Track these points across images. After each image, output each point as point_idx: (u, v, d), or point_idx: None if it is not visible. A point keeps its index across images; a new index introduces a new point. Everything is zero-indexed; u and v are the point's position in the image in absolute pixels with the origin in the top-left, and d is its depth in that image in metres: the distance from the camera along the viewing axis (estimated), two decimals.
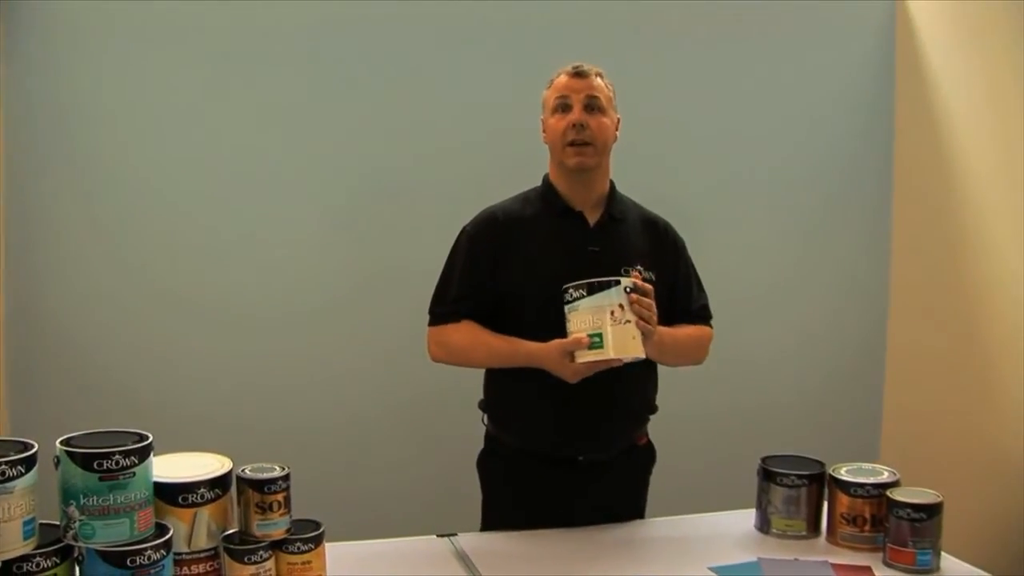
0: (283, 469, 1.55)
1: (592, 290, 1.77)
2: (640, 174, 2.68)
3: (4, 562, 1.31)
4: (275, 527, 1.52)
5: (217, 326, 2.69)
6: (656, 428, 2.17)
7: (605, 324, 1.76)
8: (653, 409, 2.11)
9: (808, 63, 3.13)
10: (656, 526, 2.00)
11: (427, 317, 2.05)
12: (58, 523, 1.39)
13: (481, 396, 2.11)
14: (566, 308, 1.80)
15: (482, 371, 2.10)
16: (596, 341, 1.76)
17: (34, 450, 1.35)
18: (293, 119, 2.72)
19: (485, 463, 2.11)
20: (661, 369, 2.11)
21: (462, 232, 2.05)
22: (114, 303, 2.63)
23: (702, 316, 2.13)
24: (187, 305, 2.67)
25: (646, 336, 1.80)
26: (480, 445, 2.13)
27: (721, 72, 3.04)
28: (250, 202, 2.71)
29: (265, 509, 1.51)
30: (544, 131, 2.05)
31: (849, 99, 3.17)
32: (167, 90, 2.62)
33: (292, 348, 2.75)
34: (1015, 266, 2.75)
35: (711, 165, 3.05)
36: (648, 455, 2.14)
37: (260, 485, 1.52)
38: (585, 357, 1.79)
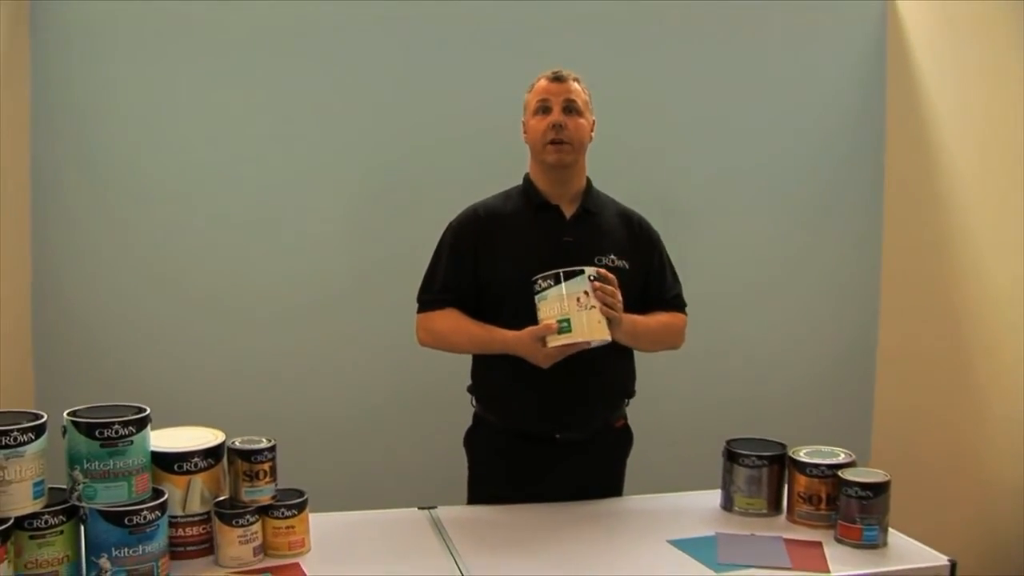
0: (269, 441, 1.70)
1: (559, 280, 1.90)
2: (634, 170, 2.80)
3: (16, 518, 1.47)
4: (261, 494, 1.67)
5: (224, 317, 2.82)
6: (645, 418, 2.27)
7: (572, 310, 1.88)
8: (630, 394, 2.24)
9: (800, 62, 3.17)
10: (624, 503, 2.12)
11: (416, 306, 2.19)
12: (65, 486, 1.55)
13: (470, 383, 2.24)
14: (536, 298, 1.93)
15: (470, 362, 2.23)
16: (564, 326, 1.89)
17: (43, 420, 1.51)
18: (302, 120, 2.84)
19: (471, 438, 2.25)
20: (655, 362, 2.23)
21: (448, 227, 2.19)
22: (128, 295, 2.76)
23: (676, 304, 2.24)
24: (196, 297, 2.80)
25: (611, 321, 1.93)
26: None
27: (714, 70, 3.10)
28: (259, 200, 2.83)
29: (252, 477, 1.66)
30: (525, 132, 2.18)
31: (841, 98, 3.21)
32: (180, 92, 2.75)
33: (296, 339, 2.86)
34: (1005, 264, 2.77)
35: (704, 161, 3.11)
36: (625, 438, 2.26)
37: (248, 455, 1.67)
38: (556, 341, 1.91)
